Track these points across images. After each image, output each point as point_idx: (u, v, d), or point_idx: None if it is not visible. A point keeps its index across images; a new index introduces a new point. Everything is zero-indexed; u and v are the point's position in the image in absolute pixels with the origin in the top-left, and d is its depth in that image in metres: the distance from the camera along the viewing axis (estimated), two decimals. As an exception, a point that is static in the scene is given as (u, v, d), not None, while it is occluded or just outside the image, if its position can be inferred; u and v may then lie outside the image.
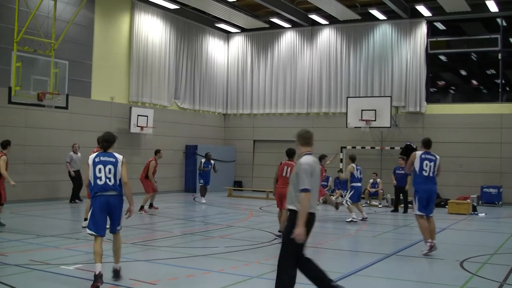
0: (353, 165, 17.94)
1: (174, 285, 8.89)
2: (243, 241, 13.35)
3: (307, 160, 7.32)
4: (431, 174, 12.10)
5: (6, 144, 14.47)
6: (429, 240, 11.91)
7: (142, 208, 18.41)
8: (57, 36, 19.12)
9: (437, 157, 12.30)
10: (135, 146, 25.06)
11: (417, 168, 12.10)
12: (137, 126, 24.93)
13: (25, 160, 20.54)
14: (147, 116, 25.40)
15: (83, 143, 21.51)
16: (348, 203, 17.75)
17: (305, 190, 7.05)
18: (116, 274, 8.91)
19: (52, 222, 16.15)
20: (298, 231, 6.96)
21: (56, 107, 18.68)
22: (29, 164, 20.69)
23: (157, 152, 19.44)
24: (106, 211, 8.72)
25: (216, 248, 12.44)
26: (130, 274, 9.50)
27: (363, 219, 17.91)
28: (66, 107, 19.13)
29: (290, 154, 13.83)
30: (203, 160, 23.05)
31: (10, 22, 18.93)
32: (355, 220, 17.40)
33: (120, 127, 24.45)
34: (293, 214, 7.15)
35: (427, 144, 12.37)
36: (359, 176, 18.00)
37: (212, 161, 22.85)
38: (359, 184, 18.05)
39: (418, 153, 12.22)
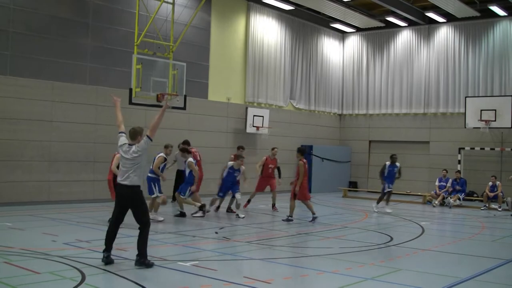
0: (163, 155, 15.81)
1: (288, 285, 8.86)
2: (358, 242, 13.15)
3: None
4: None
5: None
6: None
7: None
8: (175, 39, 19.60)
9: None
10: (251, 146, 25.27)
11: None
12: (253, 126, 25.19)
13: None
14: (262, 117, 25.62)
15: (201, 143, 21.93)
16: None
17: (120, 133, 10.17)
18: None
19: (173, 219, 16.51)
20: None
21: (174, 107, 19.10)
22: (150, 164, 21.27)
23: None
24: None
25: (330, 248, 12.31)
26: (244, 272, 9.58)
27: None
28: (184, 108, 19.53)
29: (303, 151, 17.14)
30: (387, 163, 20.55)
31: (131, 26, 19.63)
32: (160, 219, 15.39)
33: (236, 127, 24.81)
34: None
35: None
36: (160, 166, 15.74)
37: (398, 164, 20.51)
38: (151, 175, 15.74)
39: None
